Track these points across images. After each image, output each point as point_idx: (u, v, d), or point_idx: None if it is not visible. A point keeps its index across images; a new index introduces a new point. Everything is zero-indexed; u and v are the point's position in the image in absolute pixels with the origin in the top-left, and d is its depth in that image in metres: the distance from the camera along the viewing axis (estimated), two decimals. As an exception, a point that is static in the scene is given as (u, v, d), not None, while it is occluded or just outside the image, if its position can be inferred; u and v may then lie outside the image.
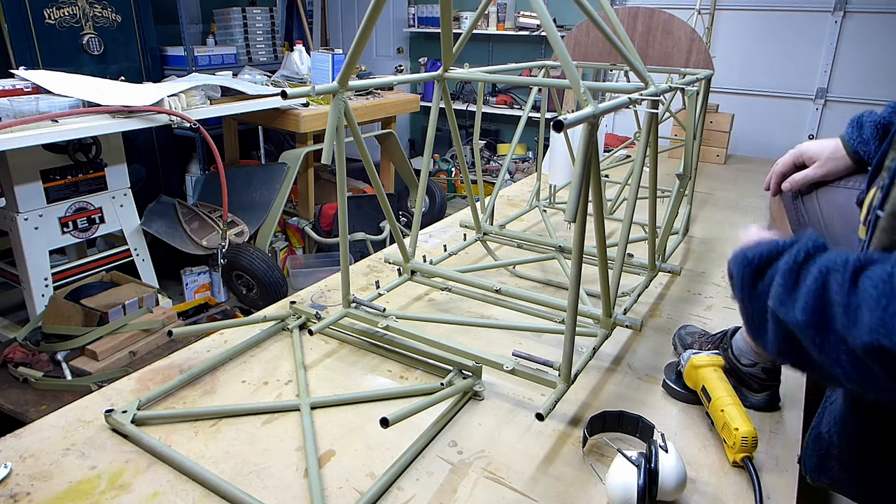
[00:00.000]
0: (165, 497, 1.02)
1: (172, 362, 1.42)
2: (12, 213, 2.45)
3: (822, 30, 3.90)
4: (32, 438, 1.15)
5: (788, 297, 0.64)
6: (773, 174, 1.14)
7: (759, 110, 4.17)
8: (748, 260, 0.72)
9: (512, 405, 1.30)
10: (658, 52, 2.04)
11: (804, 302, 0.62)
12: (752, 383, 1.28)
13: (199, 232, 2.98)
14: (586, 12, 1.22)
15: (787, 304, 0.64)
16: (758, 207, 2.73)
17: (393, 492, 1.05)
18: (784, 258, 0.68)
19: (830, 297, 0.60)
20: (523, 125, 2.11)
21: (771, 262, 0.70)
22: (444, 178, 5.49)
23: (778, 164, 1.13)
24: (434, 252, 1.93)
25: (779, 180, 1.13)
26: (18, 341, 2.15)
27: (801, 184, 1.07)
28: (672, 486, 1.00)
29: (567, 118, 0.87)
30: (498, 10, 5.12)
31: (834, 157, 1.04)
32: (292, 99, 1.21)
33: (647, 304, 1.77)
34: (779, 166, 1.13)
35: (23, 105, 2.28)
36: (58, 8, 3.27)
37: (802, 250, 0.67)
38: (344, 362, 1.45)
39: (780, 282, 0.66)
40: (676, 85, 1.52)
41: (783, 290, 0.65)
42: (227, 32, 4.63)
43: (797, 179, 1.07)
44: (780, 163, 1.13)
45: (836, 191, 1.03)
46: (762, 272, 0.70)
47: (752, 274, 0.71)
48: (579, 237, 1.12)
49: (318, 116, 3.28)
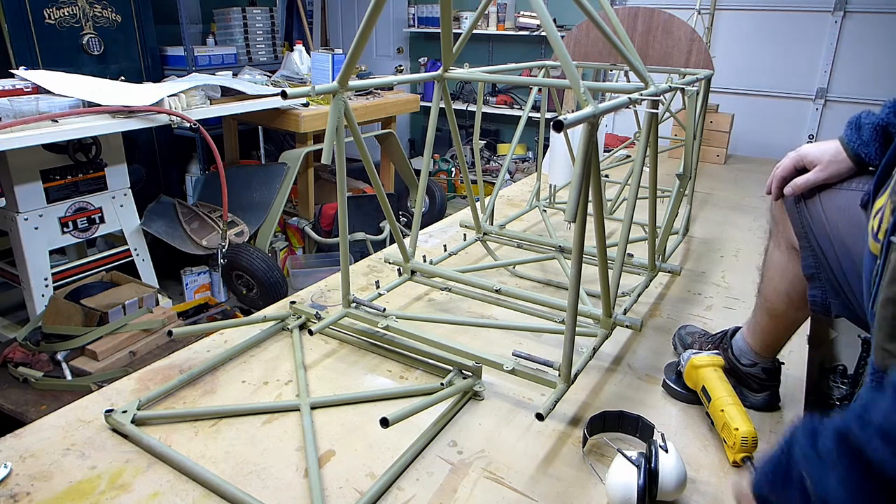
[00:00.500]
0: (165, 497, 1.02)
1: (172, 362, 1.42)
2: (12, 213, 2.45)
3: (822, 30, 3.90)
4: (32, 438, 1.15)
5: None
6: (773, 178, 1.14)
7: (759, 110, 4.17)
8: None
9: (512, 405, 1.30)
10: (658, 52, 2.04)
11: None
12: (752, 383, 1.28)
13: (199, 232, 2.98)
14: (586, 12, 1.22)
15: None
16: (757, 207, 2.73)
17: (393, 492, 1.05)
18: None
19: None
20: (523, 125, 2.11)
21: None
22: (444, 178, 5.49)
23: (778, 168, 1.12)
24: (434, 252, 1.93)
25: (780, 184, 1.12)
26: (18, 341, 2.15)
27: (803, 188, 1.06)
28: (672, 486, 1.00)
29: (567, 118, 0.87)
30: (498, 10, 5.11)
31: (835, 159, 1.03)
32: (292, 99, 1.21)
33: (647, 304, 1.77)
34: (779, 170, 1.12)
35: (23, 105, 2.28)
36: (58, 8, 3.27)
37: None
38: (344, 362, 1.45)
39: None
40: (676, 85, 1.52)
41: None
42: (227, 32, 4.63)
43: (799, 184, 1.07)
44: (780, 167, 1.12)
45: (839, 193, 1.03)
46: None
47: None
48: (579, 237, 1.12)
49: (318, 116, 3.28)
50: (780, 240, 1.16)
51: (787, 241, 1.13)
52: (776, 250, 1.18)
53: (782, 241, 1.15)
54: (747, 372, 1.28)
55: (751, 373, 1.28)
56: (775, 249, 1.18)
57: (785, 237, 1.14)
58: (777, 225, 1.17)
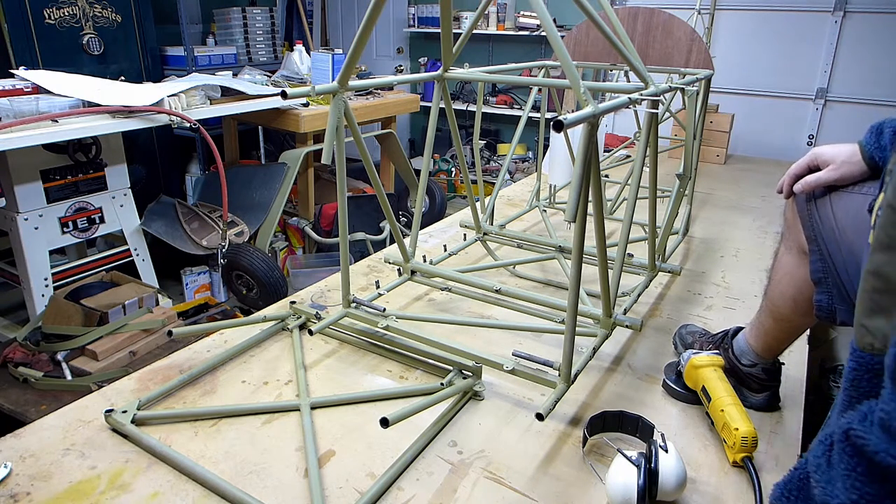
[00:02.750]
0: (165, 497, 1.02)
1: (172, 362, 1.42)
2: (12, 213, 2.45)
3: (822, 30, 3.90)
4: (32, 438, 1.15)
5: None
6: (787, 176, 1.13)
7: (759, 110, 4.17)
8: None
9: (512, 405, 1.30)
10: (658, 52, 2.04)
11: None
12: (753, 383, 1.28)
13: (199, 232, 2.98)
14: (586, 12, 1.22)
15: None
16: (757, 207, 2.73)
17: (393, 492, 1.05)
18: None
19: None
20: (523, 125, 2.11)
21: None
22: (444, 178, 5.49)
23: (793, 167, 1.12)
24: (434, 252, 1.93)
25: (792, 182, 1.12)
26: (18, 341, 2.14)
27: (813, 186, 1.05)
28: (672, 486, 1.00)
29: (567, 118, 0.87)
30: (498, 10, 5.12)
31: (850, 161, 1.01)
32: (292, 99, 1.21)
33: (647, 304, 1.77)
34: (793, 168, 1.11)
35: (23, 105, 2.28)
36: (58, 8, 3.27)
37: None
38: (344, 362, 1.45)
39: None
40: (676, 85, 1.52)
41: None
42: (227, 32, 4.63)
43: (809, 181, 1.06)
44: (795, 166, 1.11)
45: (849, 196, 1.02)
46: None
47: None
48: (579, 237, 1.12)
49: (318, 116, 3.28)
50: (791, 244, 1.15)
51: (797, 245, 1.12)
52: (786, 254, 1.17)
53: (793, 245, 1.14)
54: (748, 372, 1.28)
55: (751, 373, 1.28)
56: (786, 253, 1.17)
57: (796, 241, 1.13)
58: (789, 229, 1.16)
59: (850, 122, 3.89)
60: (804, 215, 1.08)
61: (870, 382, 0.65)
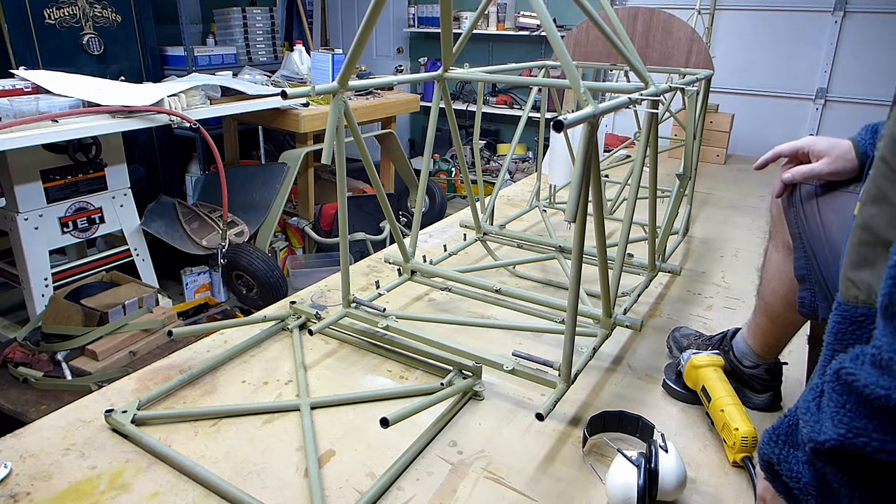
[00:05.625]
0: (165, 497, 1.02)
1: (172, 362, 1.42)
2: (12, 213, 2.45)
3: (822, 30, 3.90)
4: (32, 438, 1.15)
5: None
6: (771, 152, 1.09)
7: (759, 110, 4.17)
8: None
9: (512, 405, 1.30)
10: (658, 52, 2.04)
11: None
12: (756, 384, 1.28)
13: (199, 232, 2.98)
14: (586, 12, 1.22)
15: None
16: (757, 207, 2.73)
17: (393, 492, 1.05)
18: None
19: None
20: (523, 125, 2.11)
21: None
22: (444, 178, 5.49)
23: (779, 147, 1.07)
24: (434, 252, 1.93)
25: (774, 158, 1.10)
26: (18, 341, 2.14)
27: (805, 176, 1.03)
28: (672, 486, 1.00)
29: (567, 118, 0.87)
30: (498, 10, 5.11)
31: (844, 157, 0.99)
32: (292, 99, 1.21)
33: (647, 304, 1.77)
34: (780, 148, 1.07)
35: (23, 105, 2.28)
36: (58, 8, 3.27)
37: None
38: (344, 362, 1.44)
39: None
40: (676, 85, 1.52)
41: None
42: (227, 32, 4.63)
43: (803, 171, 1.03)
44: (782, 146, 1.07)
45: (837, 194, 1.00)
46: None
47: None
48: (579, 237, 1.12)
49: (318, 116, 3.28)
50: (778, 241, 1.15)
51: (784, 243, 1.12)
52: (774, 252, 1.17)
53: (780, 243, 1.14)
54: (750, 374, 1.27)
55: (754, 374, 1.27)
56: (774, 251, 1.17)
57: (782, 238, 1.12)
58: (776, 226, 1.16)
59: (850, 122, 3.88)
60: (789, 212, 1.07)
61: (853, 334, 0.65)
